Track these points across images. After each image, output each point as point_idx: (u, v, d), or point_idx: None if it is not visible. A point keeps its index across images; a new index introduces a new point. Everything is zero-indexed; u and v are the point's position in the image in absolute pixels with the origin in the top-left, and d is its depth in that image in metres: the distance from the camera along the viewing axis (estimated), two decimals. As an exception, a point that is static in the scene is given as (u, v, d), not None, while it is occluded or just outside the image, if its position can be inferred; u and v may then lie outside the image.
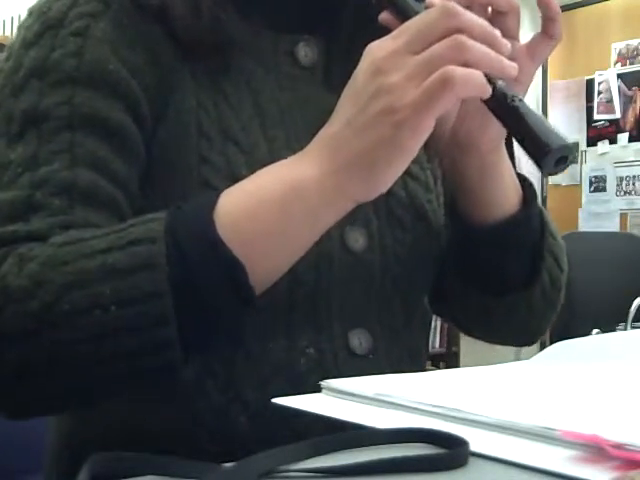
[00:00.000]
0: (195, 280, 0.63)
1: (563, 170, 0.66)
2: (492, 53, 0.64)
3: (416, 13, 0.69)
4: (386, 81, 0.63)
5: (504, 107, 0.66)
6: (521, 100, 0.66)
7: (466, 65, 0.62)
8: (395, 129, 0.62)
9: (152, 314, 0.61)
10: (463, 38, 0.63)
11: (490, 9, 0.74)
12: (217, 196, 0.66)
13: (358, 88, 0.65)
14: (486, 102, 0.67)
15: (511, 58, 0.73)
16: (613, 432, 0.49)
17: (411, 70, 0.62)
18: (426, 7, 0.69)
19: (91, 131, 0.72)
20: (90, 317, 0.61)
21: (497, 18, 0.73)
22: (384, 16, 0.73)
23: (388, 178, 0.65)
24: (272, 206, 0.65)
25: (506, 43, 0.66)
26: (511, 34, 0.74)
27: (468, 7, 0.71)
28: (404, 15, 0.70)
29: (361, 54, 0.67)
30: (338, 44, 0.84)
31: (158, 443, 0.66)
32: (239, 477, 0.47)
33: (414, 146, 0.64)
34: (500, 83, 0.66)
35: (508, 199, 0.81)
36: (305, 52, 0.83)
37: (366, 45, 0.69)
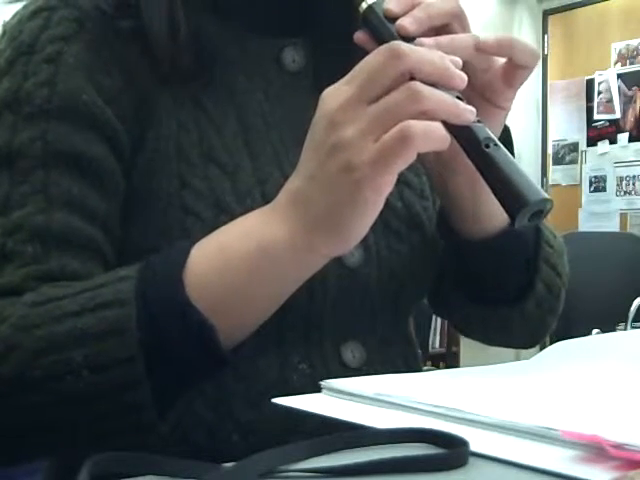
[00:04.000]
0: (167, 344, 0.62)
1: (537, 223, 0.62)
2: (448, 100, 0.61)
3: (391, 36, 0.67)
4: (342, 136, 0.60)
5: (477, 152, 0.62)
6: (496, 145, 0.62)
7: (423, 115, 0.59)
8: (355, 187, 0.60)
9: (124, 379, 0.61)
10: (418, 86, 0.59)
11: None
12: (187, 253, 0.64)
13: (316, 141, 0.62)
14: (460, 143, 0.63)
15: (488, 82, 0.71)
16: (613, 432, 0.49)
17: (366, 124, 0.59)
18: (396, 30, 0.67)
19: (66, 168, 0.70)
20: (62, 382, 0.61)
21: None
22: (359, 35, 0.70)
23: (358, 233, 0.63)
24: (241, 266, 0.64)
25: (461, 76, 0.62)
26: (487, 63, 0.71)
27: (444, 26, 0.69)
28: (378, 37, 0.68)
29: (348, 55, 0.65)
30: (324, 46, 0.81)
31: None
32: (239, 477, 0.47)
33: (377, 202, 0.61)
34: (476, 124, 0.62)
35: (498, 213, 0.77)
36: (292, 57, 0.81)
37: (352, 46, 0.68)
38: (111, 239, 0.72)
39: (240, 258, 0.64)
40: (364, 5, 0.69)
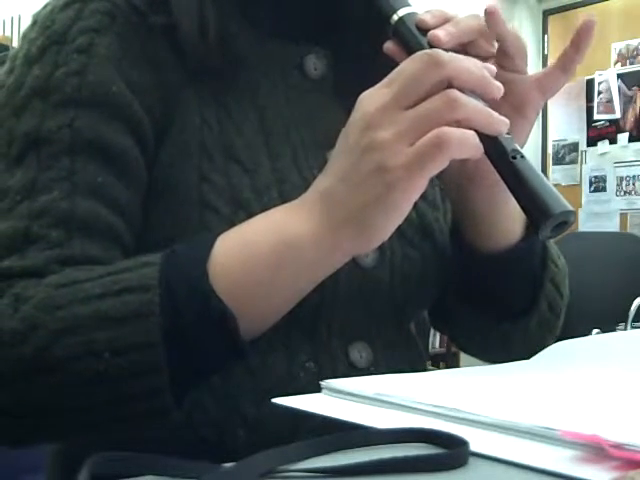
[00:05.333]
0: (187, 331, 0.63)
1: (559, 235, 0.64)
2: (484, 110, 0.62)
3: (421, 47, 0.68)
4: (377, 137, 0.61)
5: (504, 163, 0.64)
6: (523, 157, 0.63)
7: (457, 123, 0.61)
8: (387, 189, 0.61)
9: (144, 363, 0.61)
10: (455, 94, 0.61)
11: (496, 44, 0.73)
12: (211, 243, 0.65)
13: (350, 142, 0.64)
14: (487, 154, 0.64)
15: (519, 92, 0.73)
16: (613, 432, 0.49)
17: (402, 127, 0.61)
18: (428, 42, 0.69)
19: (92, 156, 0.71)
20: (83, 364, 0.61)
21: (504, 56, 0.73)
22: (388, 46, 0.72)
23: (383, 234, 0.64)
24: (266, 259, 0.65)
25: (498, 86, 0.64)
26: (518, 70, 0.73)
27: (471, 42, 0.71)
28: (409, 48, 0.70)
29: (370, 66, 0.66)
30: (347, 56, 0.83)
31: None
32: (239, 477, 0.47)
33: (406, 205, 0.63)
34: (503, 136, 0.64)
35: (512, 228, 0.79)
36: (314, 64, 0.82)
37: (374, 57, 0.68)
38: (132, 229, 0.73)
39: (264, 252, 0.65)
40: (395, 17, 0.71)
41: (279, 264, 0.65)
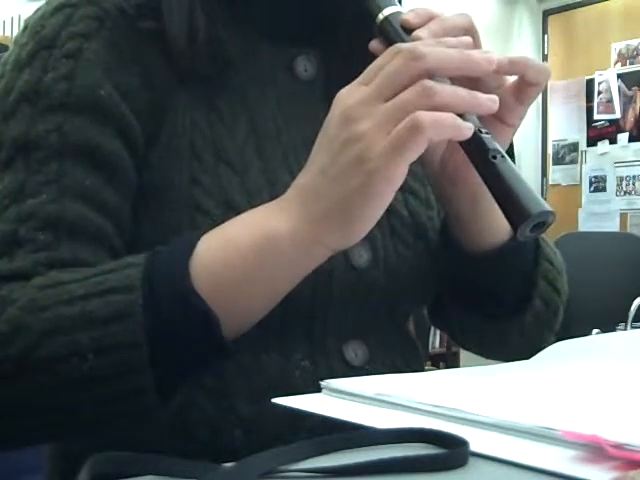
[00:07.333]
0: (170, 330, 0.63)
1: (538, 235, 0.63)
2: (464, 92, 0.63)
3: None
4: (357, 129, 0.62)
5: (484, 163, 0.64)
6: (503, 157, 0.63)
7: (436, 109, 0.61)
8: (367, 178, 0.61)
9: (128, 363, 0.62)
10: (430, 83, 0.62)
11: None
12: (194, 243, 0.65)
13: (330, 136, 0.64)
14: (467, 153, 0.65)
15: (500, 100, 0.69)
16: (613, 432, 0.49)
17: (381, 118, 0.61)
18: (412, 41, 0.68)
19: (80, 160, 0.71)
20: (67, 364, 0.61)
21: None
22: (374, 45, 0.72)
23: (364, 226, 0.64)
24: (245, 255, 0.65)
25: (488, 59, 0.64)
26: (497, 81, 0.71)
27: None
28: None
29: (360, 67, 0.66)
30: (337, 57, 0.83)
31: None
32: (239, 477, 0.47)
33: (388, 194, 0.63)
34: (484, 135, 0.64)
35: (499, 228, 0.78)
36: (304, 66, 0.82)
37: (364, 58, 0.68)
38: (121, 232, 0.73)
39: (243, 248, 0.65)
40: (381, 16, 0.71)
41: (258, 259, 0.65)
